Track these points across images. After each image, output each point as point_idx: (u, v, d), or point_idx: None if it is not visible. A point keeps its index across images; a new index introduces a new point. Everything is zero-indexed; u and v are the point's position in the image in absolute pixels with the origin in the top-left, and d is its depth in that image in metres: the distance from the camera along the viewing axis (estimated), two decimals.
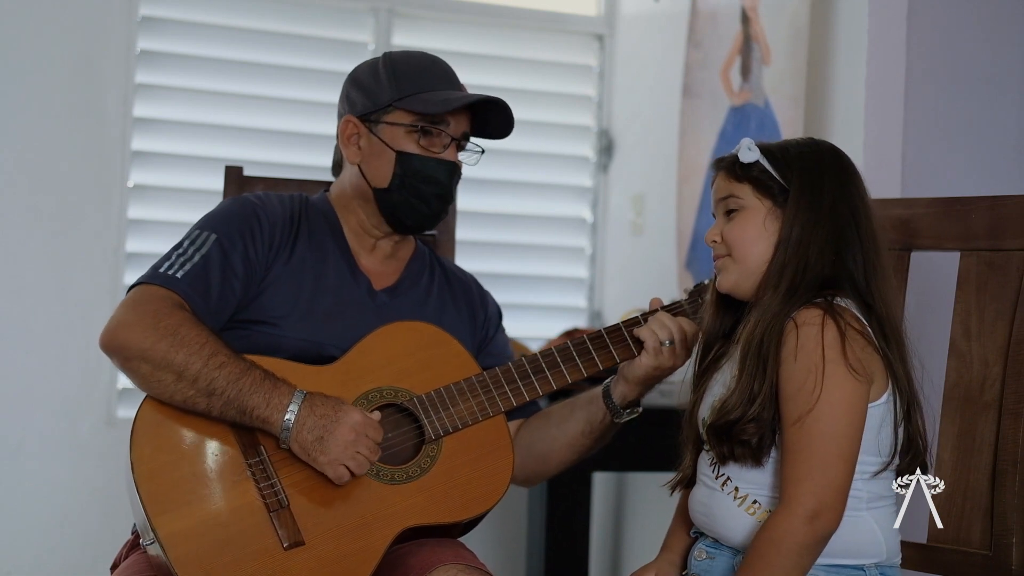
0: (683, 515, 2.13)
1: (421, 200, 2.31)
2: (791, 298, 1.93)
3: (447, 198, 2.33)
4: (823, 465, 1.88)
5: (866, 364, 1.90)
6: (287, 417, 2.11)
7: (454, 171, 2.33)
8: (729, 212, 2.02)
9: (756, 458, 1.94)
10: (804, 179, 1.98)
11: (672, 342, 2.24)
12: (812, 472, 1.88)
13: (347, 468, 2.11)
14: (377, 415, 2.16)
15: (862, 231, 1.98)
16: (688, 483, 2.09)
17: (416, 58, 2.36)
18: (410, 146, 2.30)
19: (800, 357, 1.89)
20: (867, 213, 2.00)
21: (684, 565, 2.09)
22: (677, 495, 2.14)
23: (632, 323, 2.29)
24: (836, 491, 1.89)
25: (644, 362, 2.25)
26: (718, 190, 2.05)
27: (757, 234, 1.99)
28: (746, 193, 2.00)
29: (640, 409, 2.32)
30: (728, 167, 2.03)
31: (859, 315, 1.94)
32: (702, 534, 2.06)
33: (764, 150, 2.01)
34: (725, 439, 1.95)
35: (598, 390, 2.32)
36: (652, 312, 2.29)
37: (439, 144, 2.30)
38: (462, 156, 2.34)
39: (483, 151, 2.36)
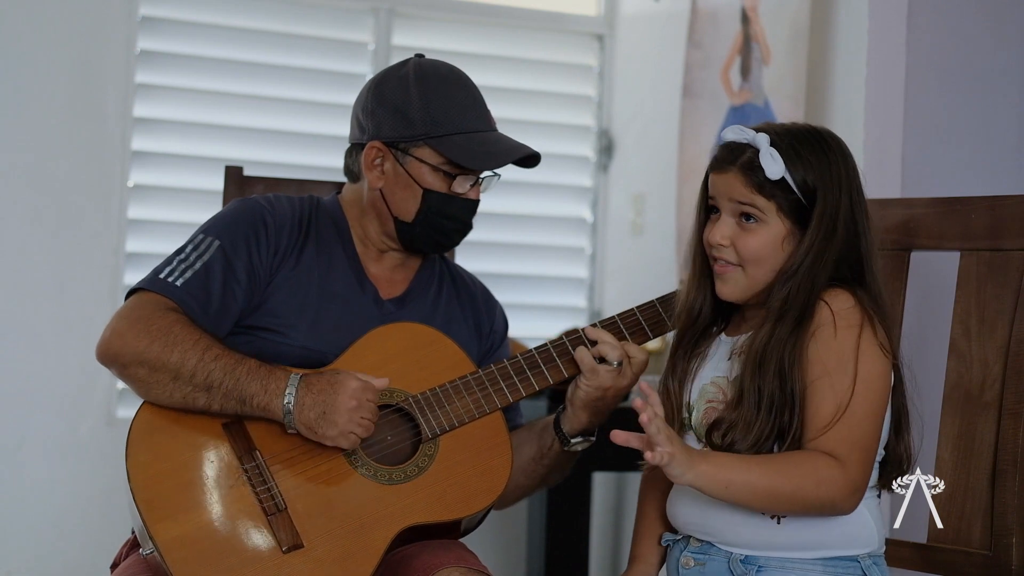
0: (649, 520, 2.11)
1: (442, 234, 2.31)
2: (800, 323, 1.91)
3: (466, 231, 2.33)
4: (867, 442, 1.89)
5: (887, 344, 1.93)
6: (286, 400, 2.11)
7: (476, 207, 2.32)
8: (744, 216, 1.96)
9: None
10: (826, 200, 1.93)
11: (620, 363, 2.20)
12: (865, 444, 1.88)
13: (355, 435, 2.12)
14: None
15: (863, 240, 1.96)
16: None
17: (449, 82, 2.30)
18: (437, 184, 2.27)
19: (840, 335, 1.89)
20: (868, 220, 1.98)
21: (657, 571, 2.08)
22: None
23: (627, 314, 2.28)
24: (869, 469, 1.92)
25: (582, 383, 2.23)
26: (734, 192, 1.95)
27: (774, 251, 1.95)
28: (770, 210, 1.94)
29: (593, 439, 2.28)
30: (747, 171, 1.94)
31: None
32: (684, 538, 2.02)
33: (785, 159, 1.93)
34: None
35: (552, 417, 2.30)
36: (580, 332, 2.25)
37: (465, 185, 2.29)
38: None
39: (499, 176, 2.33)
